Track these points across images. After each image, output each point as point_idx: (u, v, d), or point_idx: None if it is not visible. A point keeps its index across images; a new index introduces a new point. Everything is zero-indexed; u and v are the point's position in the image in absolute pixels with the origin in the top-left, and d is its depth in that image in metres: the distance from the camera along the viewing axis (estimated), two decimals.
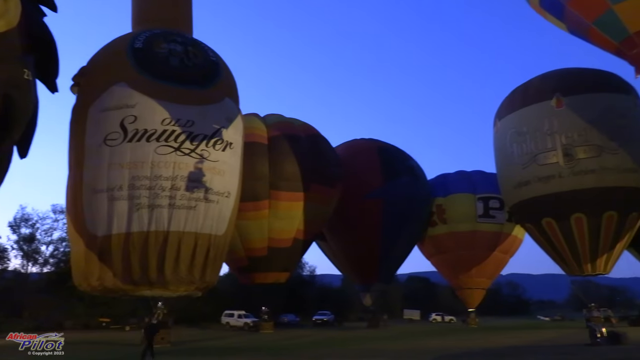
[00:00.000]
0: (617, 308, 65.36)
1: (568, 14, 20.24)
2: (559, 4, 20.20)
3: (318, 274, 68.99)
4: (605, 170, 23.83)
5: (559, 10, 20.61)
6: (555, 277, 64.21)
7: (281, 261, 30.40)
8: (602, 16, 18.92)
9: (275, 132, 30.11)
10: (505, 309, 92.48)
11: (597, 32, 19.89)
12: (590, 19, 19.47)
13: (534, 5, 22.27)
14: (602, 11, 18.74)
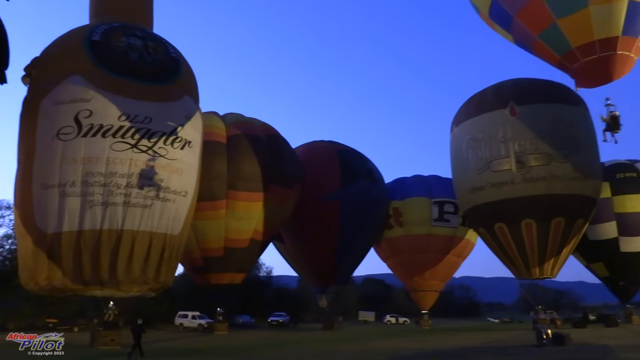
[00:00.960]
0: (562, 310, 67.88)
1: (515, 26, 20.86)
2: (507, 16, 20.80)
3: (275, 275, 68.68)
4: (554, 178, 24.87)
5: (507, 22, 21.21)
6: (505, 281, 66.19)
7: (237, 262, 30.08)
8: (547, 30, 19.62)
9: (234, 132, 29.78)
10: (457, 311, 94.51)
11: (541, 45, 20.62)
12: (536, 32, 20.19)
13: (483, 17, 22.87)
14: (547, 25, 19.44)
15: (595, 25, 18.38)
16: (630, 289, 36.97)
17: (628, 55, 18.77)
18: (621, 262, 34.34)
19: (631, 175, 34.44)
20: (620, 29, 18.28)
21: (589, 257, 35.75)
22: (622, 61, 18.84)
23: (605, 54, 18.75)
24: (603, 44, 18.66)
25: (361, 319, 63.92)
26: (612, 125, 21.02)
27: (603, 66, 18.99)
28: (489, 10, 21.62)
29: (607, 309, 58.27)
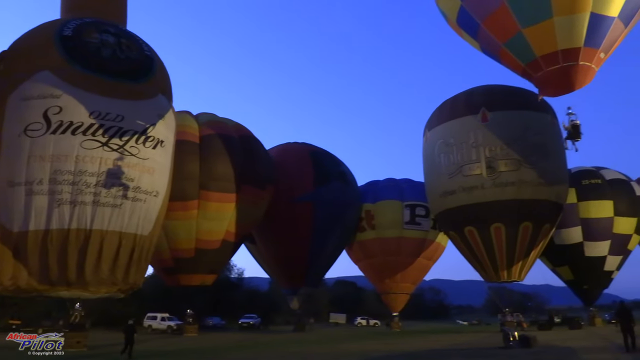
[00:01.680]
0: (528, 313, 69.23)
1: (482, 33, 21.12)
2: (474, 24, 21.04)
3: (246, 276, 68.35)
4: (523, 183, 25.45)
5: (474, 30, 21.46)
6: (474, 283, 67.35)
7: (208, 263, 29.78)
8: (513, 38, 19.88)
9: (207, 131, 29.50)
10: (427, 314, 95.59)
11: (507, 53, 20.86)
12: (502, 40, 20.44)
13: (451, 23, 23.06)
14: (513, 33, 19.71)
15: (558, 35, 18.73)
16: (593, 292, 37.92)
17: (589, 66, 19.18)
18: (585, 266, 35.23)
19: (596, 182, 35.38)
20: (582, 40, 18.66)
21: (555, 260, 36.59)
22: (584, 71, 19.22)
23: (567, 64, 19.08)
24: (566, 54, 19.02)
25: (332, 321, 64.06)
26: (573, 133, 21.59)
27: (565, 76, 19.31)
28: (457, 17, 21.83)
29: (572, 311, 59.69)
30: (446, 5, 22.05)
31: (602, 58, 19.40)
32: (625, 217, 34.73)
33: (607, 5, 18.07)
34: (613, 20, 18.44)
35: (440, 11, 23.35)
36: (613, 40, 19.19)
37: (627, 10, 18.57)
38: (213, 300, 44.30)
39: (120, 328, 40.09)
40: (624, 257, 36.01)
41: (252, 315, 50.30)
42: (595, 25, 18.35)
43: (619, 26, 18.85)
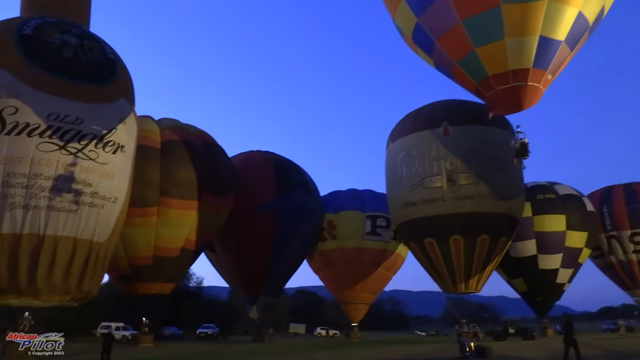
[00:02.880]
0: (484, 324, 70.60)
1: (436, 51, 21.51)
2: (429, 41, 21.40)
3: (205, 285, 67.31)
4: (481, 196, 26.08)
5: (429, 47, 21.83)
6: (433, 294, 68.27)
7: (167, 271, 29.12)
8: (466, 57, 20.30)
9: (169, 137, 28.96)
10: (386, 324, 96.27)
11: (460, 71, 21.29)
12: (456, 58, 20.85)
13: (407, 40, 23.39)
14: (466, 52, 20.14)
15: (509, 56, 19.27)
16: (546, 304, 39.00)
17: (537, 86, 19.84)
18: (539, 278, 36.23)
19: (550, 197, 36.55)
20: (531, 61, 19.29)
21: (510, 273, 37.49)
22: (532, 92, 19.86)
23: (517, 84, 19.61)
24: (516, 74, 19.55)
25: (292, 331, 63.78)
26: (521, 151, 22.31)
27: (515, 95, 19.83)
28: (412, 34, 22.13)
29: (526, 322, 61.17)
30: (402, 21, 22.32)
31: (549, 79, 20.13)
32: (577, 231, 35.99)
33: (554, 29, 18.83)
34: (560, 44, 19.23)
35: (396, 27, 23.62)
36: (560, 62, 19.98)
37: (573, 34, 19.41)
38: (170, 309, 43.34)
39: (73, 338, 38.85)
40: (575, 270, 37.23)
41: (210, 325, 49.50)
42: (543, 47, 19.05)
43: (565, 50, 19.67)
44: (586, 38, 20.75)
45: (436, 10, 20.02)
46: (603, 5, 20.04)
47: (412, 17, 21.25)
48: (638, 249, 39.57)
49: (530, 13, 18.57)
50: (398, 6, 21.87)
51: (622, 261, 40.44)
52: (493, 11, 18.79)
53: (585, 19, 19.46)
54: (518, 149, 22.15)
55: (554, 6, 18.46)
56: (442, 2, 19.64)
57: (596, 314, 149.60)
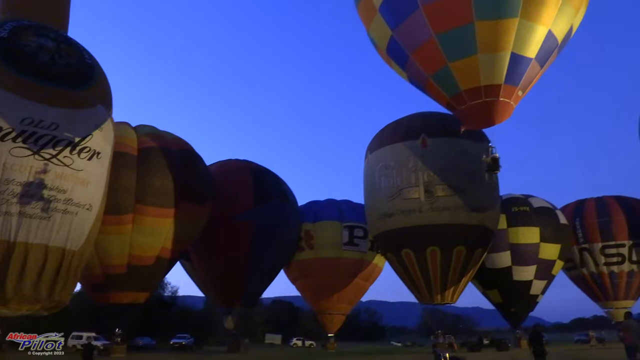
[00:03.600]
0: (459, 335, 71.12)
1: (410, 64, 21.72)
2: (403, 55, 21.60)
3: (180, 295, 66.48)
4: (458, 208, 26.35)
5: (403, 60, 22.02)
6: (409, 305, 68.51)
7: (141, 280, 28.61)
8: (439, 71, 20.55)
9: (146, 144, 28.60)
10: (363, 335, 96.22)
11: (433, 85, 21.53)
12: (429, 72, 21.08)
13: (381, 52, 23.56)
14: (440, 66, 20.39)
15: (482, 71, 19.61)
16: (520, 315, 39.45)
17: (508, 102, 20.24)
18: (513, 290, 36.66)
19: (524, 209, 37.13)
20: (503, 77, 19.67)
21: (485, 284, 37.86)
22: (503, 107, 20.24)
23: (489, 99, 19.96)
24: (488, 89, 19.89)
25: (267, 341, 63.27)
26: (493, 166, 22.72)
27: (487, 110, 20.18)
28: (387, 47, 22.30)
29: (500, 333, 61.85)
30: (377, 34, 22.49)
31: (520, 96, 20.55)
32: (551, 244, 36.59)
33: (525, 46, 19.28)
34: (530, 61, 19.68)
35: (370, 39, 23.81)
36: (530, 79, 20.43)
37: (543, 52, 19.90)
38: (144, 319, 42.59)
39: None
40: (548, 281, 37.79)
41: (184, 335, 48.81)
42: (514, 64, 19.47)
43: (536, 67, 20.14)
44: (555, 56, 21.27)
45: (411, 24, 20.23)
46: (572, 24, 20.60)
47: (386, 30, 21.43)
48: (609, 261, 40.39)
49: (503, 30, 18.94)
50: (373, 19, 22.02)
51: (594, 273, 41.23)
52: (466, 27, 19.10)
53: (555, 38, 19.96)
54: (489, 163, 22.58)
55: (525, 24, 18.90)
56: (417, 17, 19.87)
57: (568, 325, 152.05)
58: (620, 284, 40.64)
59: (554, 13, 19.24)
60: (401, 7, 20.30)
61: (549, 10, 19.10)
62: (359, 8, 23.14)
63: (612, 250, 40.23)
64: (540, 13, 18.96)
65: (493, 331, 76.32)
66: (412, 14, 19.95)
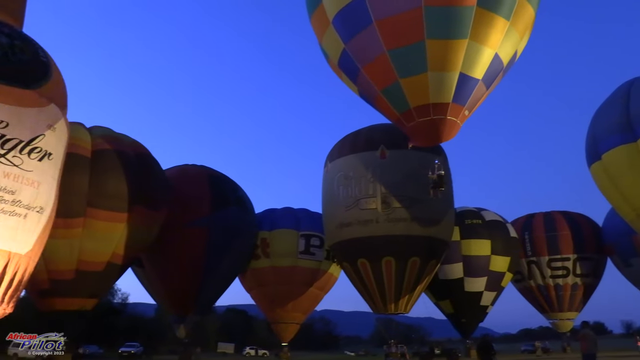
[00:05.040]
0: (411, 345, 72.09)
1: (361, 78, 21.92)
2: (355, 68, 21.77)
3: (131, 302, 64.76)
4: (413, 220, 26.84)
5: (354, 74, 22.18)
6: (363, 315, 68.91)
7: (90, 286, 27.59)
8: (390, 86, 20.87)
9: (100, 146, 27.70)
10: (317, 344, 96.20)
11: (383, 101, 21.82)
12: (380, 87, 21.35)
13: (332, 65, 23.70)
14: (390, 82, 20.70)
15: (431, 89, 20.04)
16: (470, 325, 40.34)
17: (455, 121, 20.83)
18: (464, 301, 37.50)
19: (477, 222, 38.12)
20: (451, 96, 20.16)
21: (438, 294, 38.57)
22: (450, 126, 20.81)
23: (437, 117, 20.44)
24: (436, 108, 20.37)
25: (220, 350, 62.41)
26: (438, 182, 23.32)
27: (435, 128, 20.66)
28: (339, 60, 22.38)
29: (451, 343, 63.04)
30: (329, 46, 22.59)
31: (466, 115, 21.19)
32: (501, 256, 37.66)
33: (473, 67, 19.92)
34: (477, 82, 20.34)
35: (322, 51, 23.89)
36: (476, 100, 21.10)
37: (489, 74, 20.62)
38: (91, 326, 41.20)
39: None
40: (497, 292, 38.85)
41: (133, 343, 47.56)
42: (462, 84, 20.07)
43: (482, 88, 20.84)
44: (500, 78, 22.04)
45: (363, 39, 20.44)
46: (516, 49, 21.44)
47: (339, 42, 21.54)
48: (555, 274, 42.00)
49: (452, 50, 19.43)
50: (325, 31, 22.09)
51: (540, 285, 42.75)
52: (418, 45, 19.45)
53: (501, 61, 20.69)
54: (435, 180, 23.15)
55: (474, 46, 19.49)
56: (370, 32, 20.10)
57: (516, 335, 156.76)
58: (564, 296, 42.29)
59: (501, 37, 19.94)
60: (354, 21, 20.45)
61: (497, 34, 19.78)
62: (312, 19, 23.13)
63: (558, 263, 41.90)
64: (488, 36, 19.60)
65: (444, 341, 77.72)
66: (365, 29, 20.14)
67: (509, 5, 19.76)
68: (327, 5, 21.52)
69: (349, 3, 20.41)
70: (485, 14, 19.28)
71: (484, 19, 19.30)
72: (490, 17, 19.42)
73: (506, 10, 19.75)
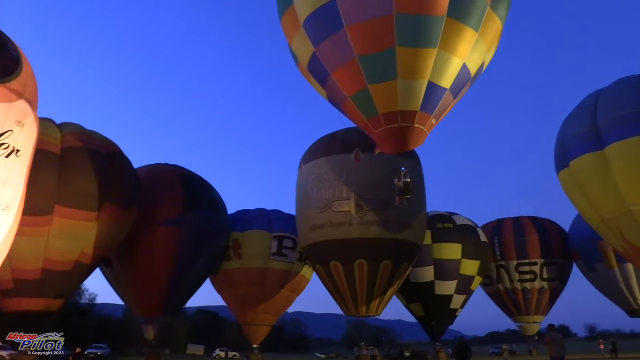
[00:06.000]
0: (382, 347, 72.54)
1: (330, 83, 21.93)
2: (324, 72, 21.76)
3: (99, 302, 63.57)
4: (386, 223, 27.03)
5: (324, 78, 22.18)
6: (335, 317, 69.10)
7: (57, 286, 26.96)
8: (359, 92, 20.93)
9: (71, 143, 27.11)
10: (288, 346, 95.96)
11: (352, 106, 21.86)
12: (349, 92, 21.40)
13: (301, 68, 23.65)
14: (360, 88, 20.78)
15: (400, 97, 20.23)
16: (440, 328, 40.77)
17: (422, 129, 21.07)
18: (435, 304, 37.91)
19: (448, 226, 38.62)
20: (419, 104, 20.40)
21: (409, 297, 38.92)
22: (418, 134, 21.05)
23: (405, 124, 20.66)
24: (405, 115, 20.58)
25: (190, 352, 61.76)
26: (404, 190, 23.56)
27: (402, 135, 20.88)
28: (308, 63, 22.31)
29: (421, 346, 63.64)
30: (299, 49, 22.50)
31: (433, 124, 21.48)
32: (471, 260, 38.23)
33: (442, 77, 20.21)
34: (445, 91, 20.65)
35: (292, 54, 23.77)
36: (444, 109, 21.41)
37: (457, 84, 20.95)
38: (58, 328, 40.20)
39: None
40: (467, 296, 39.40)
41: (100, 345, 46.62)
42: (431, 93, 20.32)
43: (450, 97, 21.16)
44: (467, 88, 22.41)
45: (334, 43, 20.41)
46: (484, 60, 21.85)
47: (309, 46, 21.48)
48: (523, 279, 42.86)
49: (422, 59, 19.62)
50: (296, 33, 21.98)
51: (509, 289, 43.55)
52: (389, 51, 19.57)
53: (469, 71, 21.04)
54: (401, 187, 23.37)
55: (443, 55, 19.76)
56: (341, 36, 20.07)
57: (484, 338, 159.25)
58: (532, 300, 43.18)
59: (470, 47, 20.27)
60: (326, 25, 20.36)
61: (465, 45, 20.09)
62: (282, 21, 22.97)
63: (526, 268, 42.76)
64: (457, 46, 19.89)
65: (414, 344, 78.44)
66: (336, 33, 20.10)
67: (478, 17, 20.08)
68: (299, 7, 21.31)
69: (321, 6, 20.28)
70: (455, 25, 19.53)
71: (454, 29, 19.53)
72: (460, 28, 19.67)
73: (475, 21, 20.06)
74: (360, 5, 19.57)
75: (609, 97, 23.79)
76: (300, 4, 21.23)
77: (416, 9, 19.03)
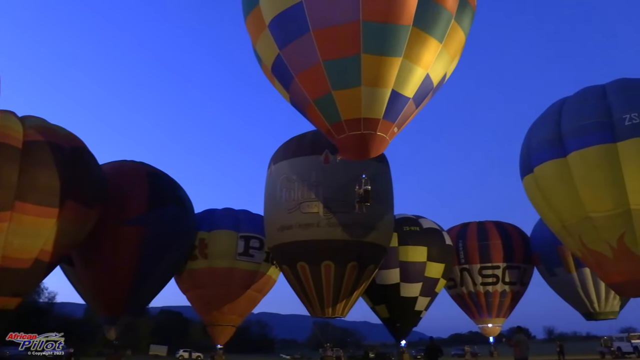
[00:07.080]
0: (347, 348, 72.88)
1: (294, 86, 21.69)
2: (288, 75, 21.51)
3: (58, 301, 61.89)
4: (354, 225, 27.20)
5: (287, 81, 21.92)
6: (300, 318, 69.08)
7: (14, 284, 26.10)
8: (322, 97, 20.79)
9: (33, 137, 26.32)
10: (252, 347, 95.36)
11: (314, 110, 21.67)
12: (312, 96, 21.21)
13: (265, 70, 23.39)
14: (323, 93, 20.63)
15: (363, 104, 20.18)
16: (404, 329, 41.30)
17: (384, 137, 21.15)
18: (400, 305, 38.34)
19: (415, 229, 39.11)
20: (382, 112, 20.40)
21: (375, 299, 39.24)
22: (379, 141, 21.01)
23: (367, 132, 20.63)
24: (367, 122, 20.53)
25: (152, 352, 60.78)
26: (365, 197, 23.78)
27: (364, 143, 20.81)
28: (272, 65, 22.03)
29: (386, 347, 64.17)
30: (263, 50, 22.24)
31: (395, 132, 21.65)
32: (436, 263, 38.80)
33: (405, 86, 20.36)
34: (408, 100, 20.84)
35: (256, 55, 23.53)
36: (406, 117, 21.63)
37: (420, 93, 21.19)
38: (14, 327, 38.96)
39: None
40: (431, 298, 39.98)
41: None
42: (394, 101, 20.44)
43: (412, 106, 21.39)
44: (429, 98, 22.72)
45: (299, 46, 20.25)
46: (446, 71, 22.22)
47: (274, 48, 21.23)
48: (485, 282, 43.80)
49: (386, 67, 19.63)
50: (260, 34, 21.69)
51: (471, 292, 44.42)
52: (353, 58, 19.53)
53: (431, 81, 21.31)
54: (362, 195, 23.56)
55: (407, 64, 19.86)
56: (306, 40, 19.93)
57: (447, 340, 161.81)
58: (493, 303, 44.14)
59: (433, 58, 20.52)
60: (292, 27, 20.17)
61: (429, 55, 20.32)
62: (247, 21, 22.60)
63: (488, 271, 43.69)
64: (421, 56, 20.08)
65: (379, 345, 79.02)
66: (302, 36, 19.95)
67: (442, 28, 20.26)
68: (264, 8, 21.01)
69: (287, 8, 20.03)
70: (420, 35, 19.65)
71: (418, 39, 19.64)
72: (424, 38, 19.82)
73: (440, 32, 20.24)
74: (327, 10, 19.40)
75: (572, 106, 24.57)
76: (266, 4, 20.90)
77: (382, 17, 19.03)
